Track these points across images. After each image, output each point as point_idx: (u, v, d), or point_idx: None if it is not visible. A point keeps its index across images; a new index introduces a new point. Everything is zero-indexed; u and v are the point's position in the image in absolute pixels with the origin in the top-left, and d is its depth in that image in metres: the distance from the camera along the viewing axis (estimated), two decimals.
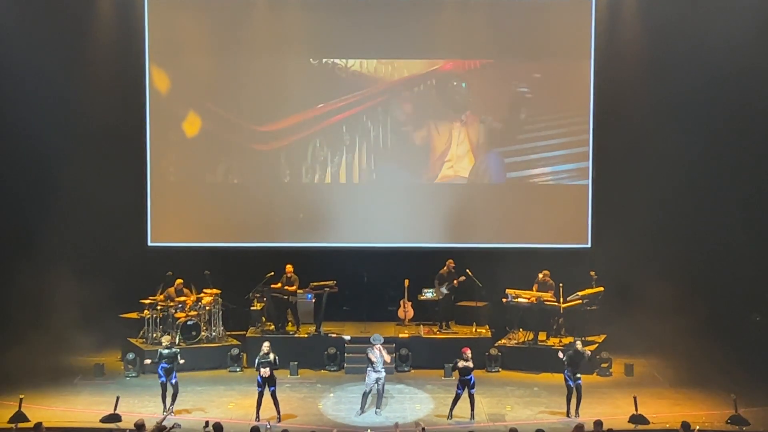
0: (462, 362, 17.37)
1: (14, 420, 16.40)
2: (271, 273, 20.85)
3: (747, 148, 21.21)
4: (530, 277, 21.04)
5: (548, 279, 20.81)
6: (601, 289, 20.90)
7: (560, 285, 20.38)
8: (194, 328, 20.51)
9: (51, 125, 20.80)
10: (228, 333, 21.20)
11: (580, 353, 17.51)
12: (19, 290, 19.84)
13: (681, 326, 19.73)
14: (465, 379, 17.40)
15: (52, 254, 20.38)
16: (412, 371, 20.32)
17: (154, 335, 20.22)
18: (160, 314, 20.40)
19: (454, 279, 21.11)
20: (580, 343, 17.82)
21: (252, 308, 21.32)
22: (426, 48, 22.06)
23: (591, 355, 18.72)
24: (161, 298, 20.57)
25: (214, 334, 20.83)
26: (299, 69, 22.12)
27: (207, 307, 20.81)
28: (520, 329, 21.00)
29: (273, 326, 21.06)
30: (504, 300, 20.90)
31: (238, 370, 20.26)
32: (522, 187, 22.33)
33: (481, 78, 22.19)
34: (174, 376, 17.52)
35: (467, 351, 17.54)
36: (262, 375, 17.23)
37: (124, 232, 21.62)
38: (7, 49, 20.55)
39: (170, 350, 17.63)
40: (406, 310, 21.66)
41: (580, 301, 20.60)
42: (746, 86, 20.80)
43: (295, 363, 20.02)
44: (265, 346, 17.54)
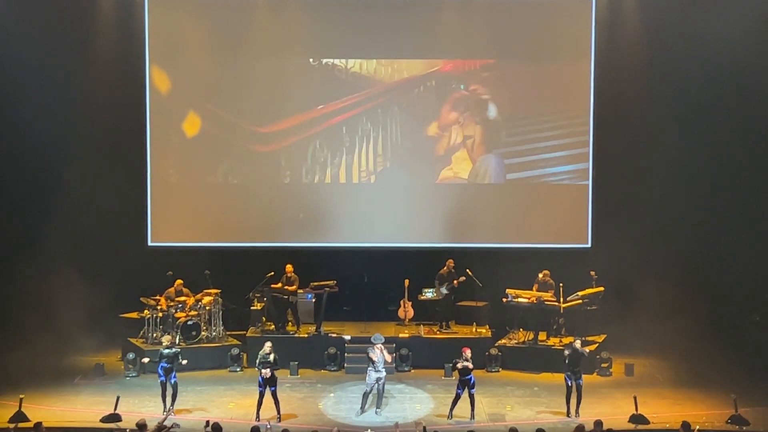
0: (461, 362, 17.38)
1: (14, 420, 16.40)
2: (272, 273, 20.86)
3: (747, 148, 21.19)
4: (530, 276, 21.04)
5: (548, 279, 20.81)
6: (601, 288, 20.91)
7: (560, 285, 20.38)
8: (194, 327, 20.52)
9: (52, 126, 20.83)
10: (228, 333, 21.21)
11: (579, 352, 17.51)
12: (19, 290, 19.81)
13: (681, 326, 19.71)
14: (465, 379, 17.40)
15: (53, 254, 20.35)
16: (413, 371, 20.32)
17: (155, 335, 20.23)
18: (160, 314, 20.41)
19: (455, 279, 21.12)
20: (579, 342, 17.83)
21: (252, 308, 21.32)
22: (426, 48, 22.06)
23: (591, 354, 18.72)
24: (162, 300, 20.59)
25: (214, 333, 20.84)
26: (299, 70, 22.13)
27: (207, 307, 20.82)
28: (521, 329, 20.99)
29: (273, 326, 21.05)
30: (504, 300, 20.89)
31: (238, 369, 20.26)
32: (522, 186, 22.31)
33: (481, 78, 22.18)
34: (174, 376, 17.52)
35: (467, 351, 17.54)
36: (263, 376, 17.25)
37: (125, 232, 21.61)
38: (8, 49, 20.55)
39: (170, 350, 17.65)
40: (406, 309, 21.67)
41: (581, 300, 20.61)
42: (747, 87, 20.82)
43: (296, 363, 20.02)
44: (267, 346, 17.52)
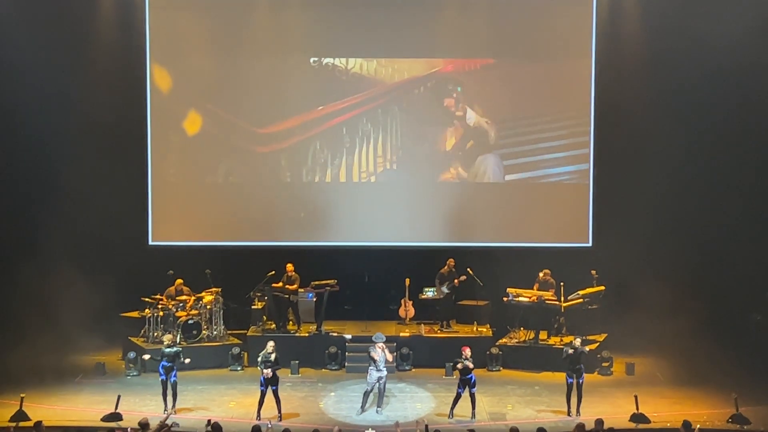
0: (462, 362, 17.34)
1: (15, 419, 16.41)
2: (272, 272, 20.84)
3: (748, 147, 21.19)
4: (531, 276, 21.02)
5: (549, 278, 20.80)
6: (602, 288, 20.90)
7: (561, 284, 20.38)
8: (195, 327, 20.53)
9: (52, 125, 20.80)
10: (229, 332, 21.20)
11: (579, 350, 17.50)
12: (20, 289, 19.80)
13: (682, 325, 19.69)
14: (466, 378, 17.40)
15: (54, 254, 20.34)
16: (413, 370, 20.31)
17: (155, 334, 20.24)
18: (161, 313, 20.41)
19: (455, 278, 21.12)
20: (578, 341, 17.82)
21: (253, 307, 21.30)
22: (426, 48, 22.04)
23: (592, 353, 18.71)
24: (163, 299, 20.59)
25: (215, 333, 20.85)
26: (300, 70, 22.09)
27: (208, 306, 20.82)
28: (521, 328, 20.96)
29: (274, 325, 21.04)
30: (505, 299, 20.87)
31: (239, 369, 20.26)
32: (523, 186, 22.30)
33: (482, 78, 22.17)
34: (174, 375, 17.52)
35: (466, 350, 17.54)
36: (264, 375, 17.25)
37: (125, 231, 21.61)
38: (9, 48, 20.54)
39: (171, 349, 17.65)
40: (407, 309, 21.66)
41: (581, 300, 20.60)
42: (747, 87, 20.80)
43: (296, 362, 20.03)
44: (269, 345, 17.49)
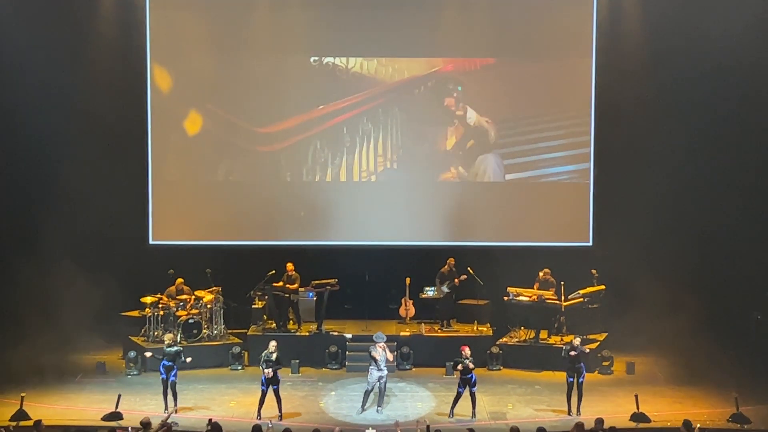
0: (462, 362, 17.34)
1: (15, 418, 16.42)
2: (273, 271, 20.83)
3: (748, 147, 21.18)
4: (531, 275, 21.02)
5: (549, 277, 20.80)
6: (603, 287, 20.89)
7: (561, 283, 20.37)
8: (195, 326, 20.52)
9: (52, 125, 20.80)
10: (229, 331, 21.21)
11: (579, 349, 17.49)
12: (21, 289, 19.80)
13: (682, 324, 19.66)
14: (466, 377, 17.40)
15: (54, 253, 20.30)
16: (414, 369, 20.31)
17: (156, 333, 20.24)
18: (161, 312, 20.42)
19: (456, 277, 21.11)
20: (578, 340, 17.83)
21: (253, 306, 21.31)
22: (426, 47, 22.04)
23: (592, 352, 18.70)
24: (164, 298, 20.60)
25: (215, 332, 20.85)
26: (300, 70, 22.08)
27: (208, 306, 20.82)
28: (522, 327, 20.96)
29: (274, 324, 21.04)
30: (505, 298, 20.88)
31: (239, 368, 20.26)
32: (523, 185, 22.30)
33: (482, 78, 22.16)
34: (174, 375, 17.52)
35: (465, 349, 17.54)
36: (265, 375, 17.25)
37: (126, 231, 21.62)
38: (9, 48, 20.56)
39: (172, 348, 17.65)
40: (407, 308, 21.67)
41: (582, 299, 20.60)
42: (748, 86, 20.80)
43: (297, 361, 20.04)
44: (271, 345, 17.48)
